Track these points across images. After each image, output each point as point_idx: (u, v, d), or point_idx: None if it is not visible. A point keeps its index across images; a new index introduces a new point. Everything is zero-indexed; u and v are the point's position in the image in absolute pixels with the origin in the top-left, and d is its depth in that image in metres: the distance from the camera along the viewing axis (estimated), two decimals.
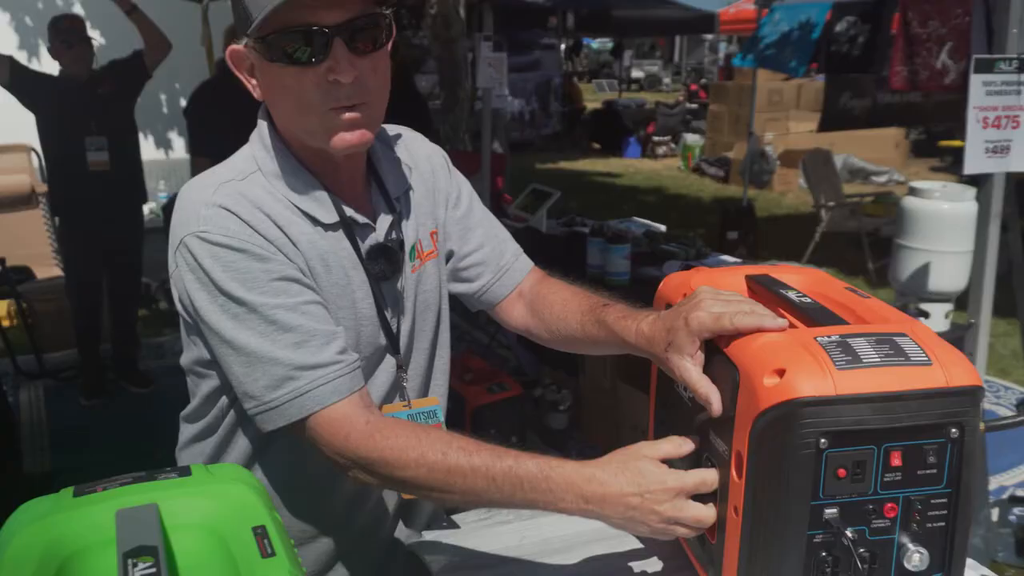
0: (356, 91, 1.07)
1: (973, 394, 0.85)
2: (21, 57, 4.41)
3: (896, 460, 0.85)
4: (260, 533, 0.74)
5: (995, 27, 2.32)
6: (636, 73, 23.66)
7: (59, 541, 0.72)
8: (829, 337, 0.87)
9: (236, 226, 1.06)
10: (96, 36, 7.16)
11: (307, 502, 1.22)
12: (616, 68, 22.60)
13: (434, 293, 1.29)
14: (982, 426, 0.95)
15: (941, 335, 2.75)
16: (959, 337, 2.62)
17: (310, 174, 1.14)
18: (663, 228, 4.37)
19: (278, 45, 1.04)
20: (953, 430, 0.85)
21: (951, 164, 10.42)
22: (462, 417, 3.47)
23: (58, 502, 0.77)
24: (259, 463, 1.21)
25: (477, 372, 3.70)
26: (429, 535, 1.28)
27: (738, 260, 4.00)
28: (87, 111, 4.09)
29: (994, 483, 3.40)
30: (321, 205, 1.14)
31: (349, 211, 1.16)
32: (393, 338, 1.22)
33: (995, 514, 2.62)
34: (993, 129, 2.31)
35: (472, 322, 5.37)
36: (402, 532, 1.35)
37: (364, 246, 1.17)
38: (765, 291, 1.08)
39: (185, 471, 0.82)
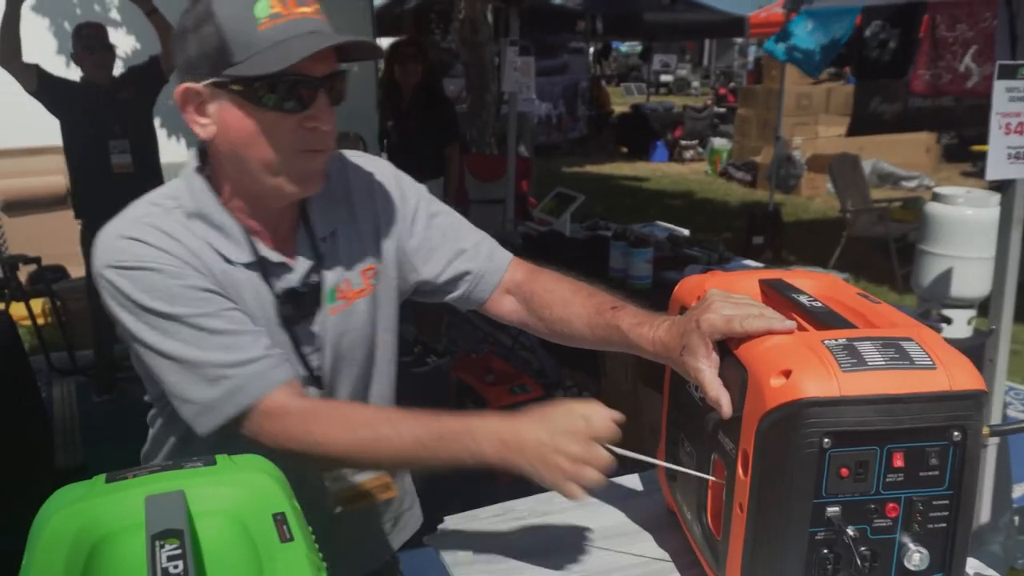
0: (326, 138, 1.14)
1: (976, 398, 0.87)
2: (59, 62, 4.52)
3: (898, 461, 0.87)
4: (280, 519, 0.77)
5: (1018, 32, 2.31)
6: (665, 77, 23.60)
7: (91, 524, 0.76)
8: (836, 340, 0.89)
9: (147, 251, 1.10)
10: (131, 41, 7.30)
11: None
12: (645, 72, 22.56)
13: (363, 331, 1.28)
14: (987, 431, 0.96)
15: (964, 341, 2.71)
16: (981, 343, 2.60)
17: (229, 215, 1.17)
18: (686, 232, 4.38)
19: (264, 90, 1.07)
20: (956, 433, 0.87)
21: (983, 169, 10.28)
22: None
23: (91, 488, 0.81)
24: None
25: (499, 374, 3.73)
26: (444, 529, 1.31)
27: (760, 265, 4.00)
28: (110, 116, 4.18)
29: (1019, 491, 3.37)
30: (236, 245, 1.16)
31: (265, 252, 1.18)
32: (311, 373, 1.24)
33: (1017, 520, 2.60)
34: (1016, 135, 2.30)
35: (495, 324, 5.40)
36: (368, 536, 1.40)
37: (277, 288, 1.19)
38: (777, 295, 1.10)
39: (211, 461, 0.86)
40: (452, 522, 1.34)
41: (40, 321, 4.97)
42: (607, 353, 3.76)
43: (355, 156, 1.34)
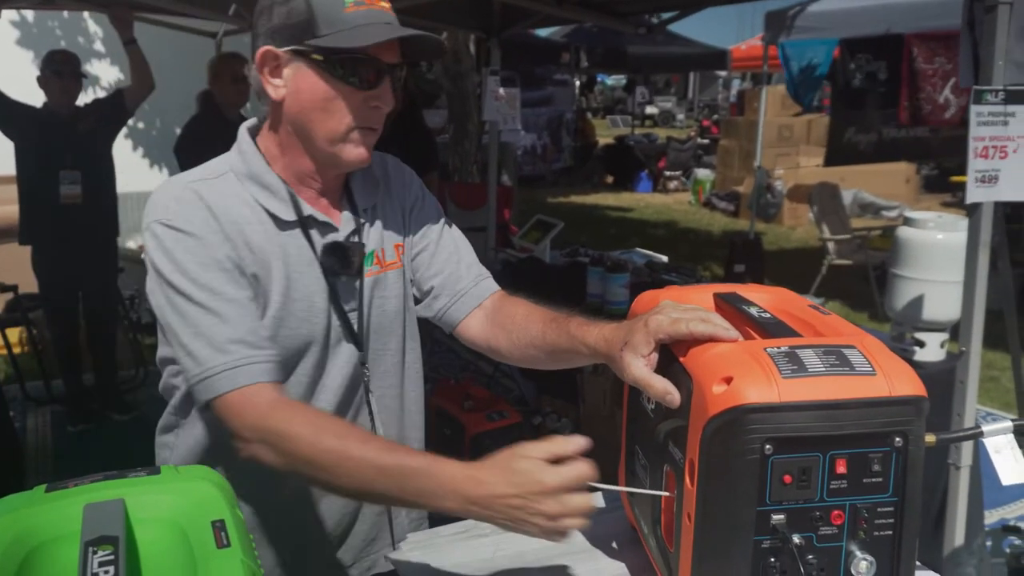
0: (381, 117, 1.26)
1: (917, 404, 0.88)
2: (41, 94, 4.54)
3: (841, 467, 0.87)
4: (218, 526, 0.77)
5: (981, 60, 2.35)
6: (650, 109, 23.84)
7: (28, 532, 0.76)
8: (778, 348, 0.90)
9: (199, 218, 1.19)
10: (115, 72, 7.34)
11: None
12: (629, 104, 22.79)
13: (396, 301, 1.38)
14: (933, 438, 0.97)
15: (937, 364, 2.71)
16: (953, 366, 2.61)
17: (277, 176, 1.27)
18: (664, 258, 4.40)
19: (344, 65, 1.20)
20: (897, 439, 0.87)
21: (962, 199, 10.40)
22: (461, 444, 3.49)
23: (30, 497, 0.81)
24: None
25: (477, 400, 3.71)
26: (406, 546, 1.30)
27: None
28: (65, 145, 4.18)
29: (996, 516, 3.38)
30: (283, 204, 1.27)
31: (309, 211, 1.28)
32: (350, 329, 1.31)
33: (990, 543, 2.60)
34: (981, 159, 2.34)
35: (477, 352, 5.39)
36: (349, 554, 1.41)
37: (321, 243, 1.29)
38: (729, 307, 1.11)
39: (155, 470, 0.86)
40: (414, 539, 1.34)
41: (16, 350, 4.93)
42: (585, 380, 3.78)
43: (393, 158, 1.49)
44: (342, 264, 1.29)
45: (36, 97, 4.26)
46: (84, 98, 4.47)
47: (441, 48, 1.29)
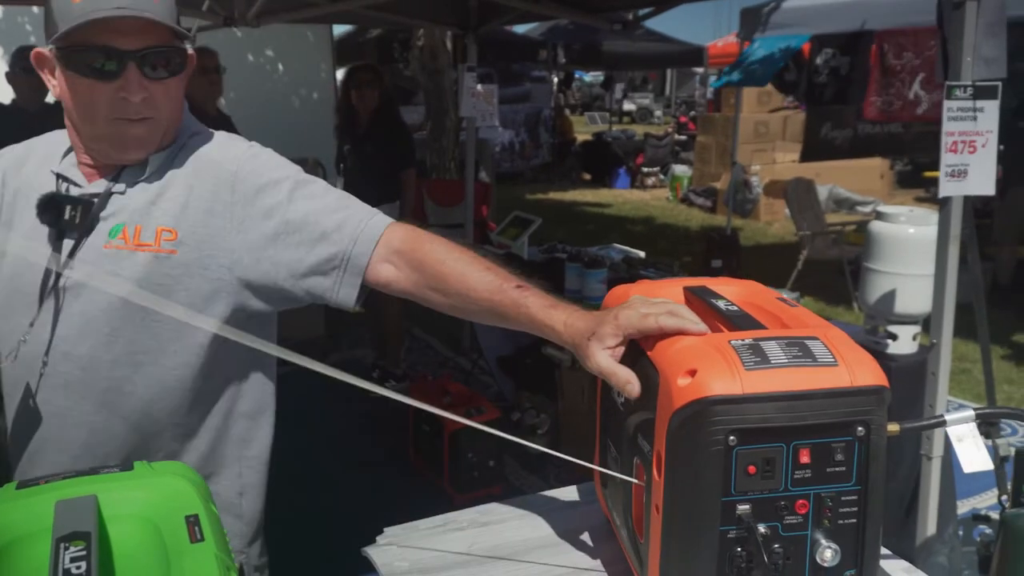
0: (143, 108, 1.23)
1: (878, 394, 0.90)
2: (8, 90, 4.50)
3: (805, 457, 0.89)
4: (192, 521, 0.78)
5: (950, 56, 2.39)
6: (628, 106, 23.92)
7: None
8: (742, 340, 0.92)
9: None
10: None
11: None
12: (607, 100, 22.84)
13: (137, 285, 1.23)
14: (896, 427, 0.99)
15: (909, 357, 2.75)
16: (925, 359, 2.65)
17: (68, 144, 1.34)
18: (642, 254, 4.43)
19: (78, 58, 1.20)
20: (859, 428, 0.89)
21: (935, 195, 10.51)
22: (440, 440, 3.50)
23: (1, 495, 0.81)
24: None
25: (456, 396, 3.73)
26: (382, 539, 1.31)
27: None
28: None
29: (968, 505, 3.44)
30: (58, 158, 1.33)
31: (63, 168, 1.31)
32: (54, 288, 1.25)
33: (961, 533, 2.65)
34: (951, 154, 2.38)
35: (455, 349, 5.42)
36: None
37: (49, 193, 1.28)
38: (698, 300, 1.13)
39: (128, 467, 0.86)
40: (391, 533, 1.34)
41: None
42: (564, 375, 3.79)
43: (233, 140, 1.39)
44: (58, 221, 1.24)
45: (5, 93, 4.22)
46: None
47: (176, 47, 1.24)
